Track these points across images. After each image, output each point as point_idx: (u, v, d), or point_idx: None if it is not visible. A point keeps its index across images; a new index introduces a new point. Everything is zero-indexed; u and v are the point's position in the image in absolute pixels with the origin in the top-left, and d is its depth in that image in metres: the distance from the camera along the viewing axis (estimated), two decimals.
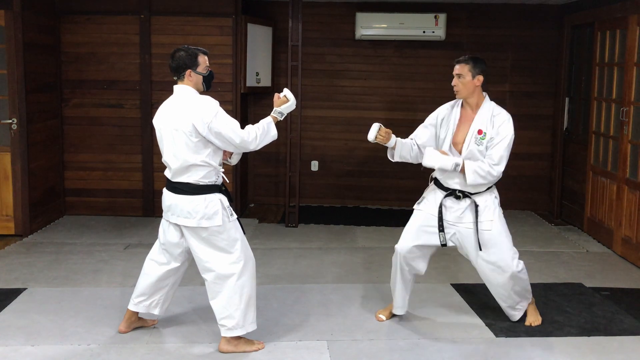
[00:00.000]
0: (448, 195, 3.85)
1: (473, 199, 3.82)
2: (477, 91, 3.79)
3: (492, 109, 3.81)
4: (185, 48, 3.53)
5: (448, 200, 3.85)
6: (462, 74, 3.75)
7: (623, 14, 5.64)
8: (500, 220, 3.87)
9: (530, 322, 4.05)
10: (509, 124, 3.77)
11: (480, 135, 3.76)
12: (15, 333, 3.82)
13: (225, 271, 3.54)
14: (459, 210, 3.84)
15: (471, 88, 3.77)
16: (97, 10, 6.52)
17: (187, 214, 3.50)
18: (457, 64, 3.79)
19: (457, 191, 3.82)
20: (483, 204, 3.83)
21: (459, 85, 3.77)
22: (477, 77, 3.75)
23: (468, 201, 3.82)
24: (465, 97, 3.81)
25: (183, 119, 3.42)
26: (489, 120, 3.77)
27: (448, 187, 3.86)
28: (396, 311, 4.09)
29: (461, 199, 3.82)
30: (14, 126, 5.83)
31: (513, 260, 3.85)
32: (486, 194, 3.86)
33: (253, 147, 3.54)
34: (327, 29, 7.28)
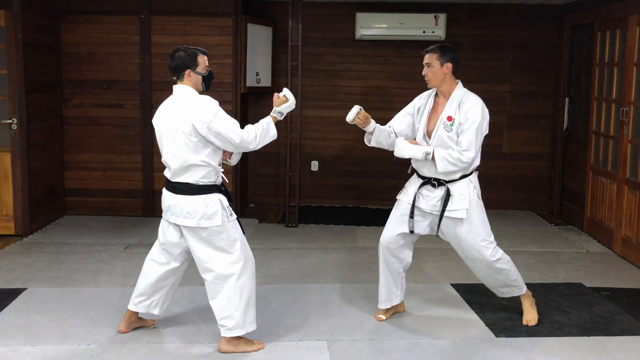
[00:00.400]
0: (424, 184, 3.90)
1: (448, 187, 3.84)
2: (447, 79, 3.82)
3: (462, 95, 3.83)
4: (184, 48, 3.53)
5: (424, 189, 3.90)
6: (431, 63, 3.80)
7: (623, 14, 5.64)
8: (476, 209, 3.85)
9: (528, 321, 4.05)
10: (477, 108, 3.76)
11: (449, 122, 3.78)
12: (15, 333, 3.82)
13: (225, 271, 3.54)
14: (434, 199, 3.87)
15: (441, 76, 3.81)
16: (97, 10, 6.52)
17: (186, 214, 3.50)
18: (425, 53, 3.85)
19: (432, 179, 3.86)
20: (458, 192, 3.82)
21: (429, 75, 3.83)
22: (445, 65, 3.78)
23: (444, 189, 3.84)
24: (437, 85, 3.85)
25: (183, 118, 3.42)
26: (458, 106, 3.80)
27: (424, 175, 3.91)
28: (380, 305, 4.10)
29: (437, 187, 3.86)
30: (14, 126, 5.83)
31: (487, 249, 3.86)
32: (462, 181, 3.84)
33: (253, 147, 3.54)
34: (327, 29, 7.28)
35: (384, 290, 4.08)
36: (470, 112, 3.75)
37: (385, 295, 4.08)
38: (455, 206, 3.82)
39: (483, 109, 3.79)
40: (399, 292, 4.11)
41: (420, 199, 3.91)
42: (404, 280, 4.14)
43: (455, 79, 3.88)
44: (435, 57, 3.80)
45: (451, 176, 3.82)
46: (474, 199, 3.85)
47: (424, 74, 3.87)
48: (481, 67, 7.22)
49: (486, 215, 3.93)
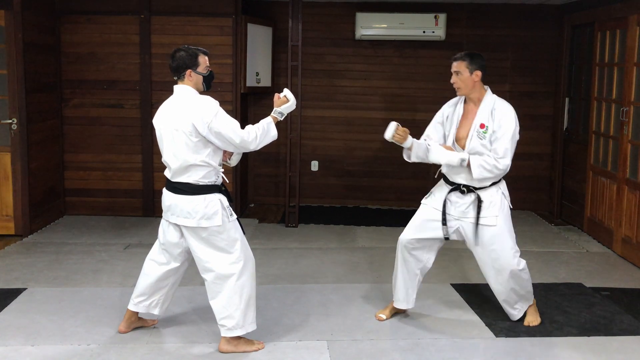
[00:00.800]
0: (453, 190, 3.87)
1: (478, 193, 3.82)
2: (477, 86, 3.82)
3: (493, 102, 3.83)
4: (185, 48, 3.53)
5: (453, 195, 3.88)
6: (460, 71, 3.79)
7: (623, 14, 5.64)
8: (505, 217, 3.84)
9: (529, 322, 4.05)
10: (510, 115, 3.77)
11: (482, 129, 3.78)
12: (15, 333, 3.82)
13: (225, 271, 3.54)
14: (463, 205, 3.85)
15: (470, 84, 3.81)
16: (97, 10, 6.52)
17: (186, 214, 3.50)
18: (454, 61, 3.83)
19: (461, 186, 3.84)
20: (488, 199, 3.82)
21: (458, 82, 3.82)
22: (475, 73, 3.78)
23: (473, 196, 3.83)
24: (466, 93, 3.85)
25: (183, 118, 3.42)
26: (490, 113, 3.79)
27: (453, 181, 3.88)
28: (398, 305, 4.09)
29: (466, 193, 3.84)
30: (14, 126, 5.83)
31: (514, 259, 3.85)
32: (492, 189, 3.84)
33: (253, 147, 3.54)
34: (327, 29, 7.28)
35: (400, 289, 4.06)
36: (504, 120, 3.75)
37: (403, 294, 4.06)
38: (485, 213, 3.81)
39: (515, 116, 3.80)
40: (414, 295, 4.09)
41: (448, 205, 3.89)
42: (420, 284, 4.11)
43: (484, 86, 3.87)
44: (464, 65, 3.78)
45: (483, 183, 3.81)
46: (504, 206, 3.85)
47: (452, 82, 3.85)
48: None
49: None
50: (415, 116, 7.25)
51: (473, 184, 3.82)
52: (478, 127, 3.78)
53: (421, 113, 7.28)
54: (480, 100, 3.85)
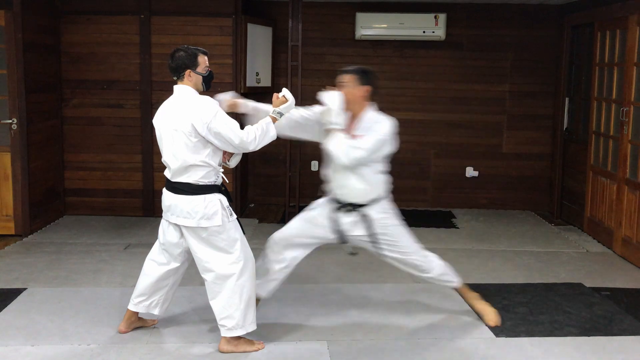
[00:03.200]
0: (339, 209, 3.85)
1: (362, 212, 3.80)
2: (360, 101, 3.77)
3: (373, 118, 3.78)
4: (185, 48, 3.53)
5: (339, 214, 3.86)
6: (347, 84, 3.75)
7: (623, 14, 5.64)
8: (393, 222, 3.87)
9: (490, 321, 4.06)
10: (386, 125, 3.73)
11: None
12: (15, 333, 3.82)
13: (225, 271, 3.54)
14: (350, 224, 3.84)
15: (354, 97, 3.75)
16: (97, 10, 6.52)
17: (186, 214, 3.50)
18: (341, 74, 3.79)
19: (347, 205, 3.82)
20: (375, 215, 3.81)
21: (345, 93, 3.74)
22: (363, 88, 3.75)
23: (358, 215, 3.81)
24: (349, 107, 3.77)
25: (182, 119, 3.42)
26: (369, 128, 3.72)
27: (339, 200, 3.86)
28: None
29: (351, 211, 3.82)
30: (14, 126, 5.83)
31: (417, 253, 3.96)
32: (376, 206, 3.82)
33: (252, 147, 3.53)
34: (327, 29, 7.28)
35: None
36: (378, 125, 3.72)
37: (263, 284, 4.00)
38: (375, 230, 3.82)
39: (392, 130, 3.75)
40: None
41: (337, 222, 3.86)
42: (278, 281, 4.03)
43: (370, 102, 3.83)
44: (352, 78, 3.74)
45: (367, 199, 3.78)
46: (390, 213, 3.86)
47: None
48: (481, 67, 7.23)
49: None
50: (415, 116, 7.26)
51: (357, 200, 3.78)
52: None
53: (421, 113, 7.29)
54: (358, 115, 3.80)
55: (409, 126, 7.27)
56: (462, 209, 7.35)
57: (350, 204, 3.82)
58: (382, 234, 3.83)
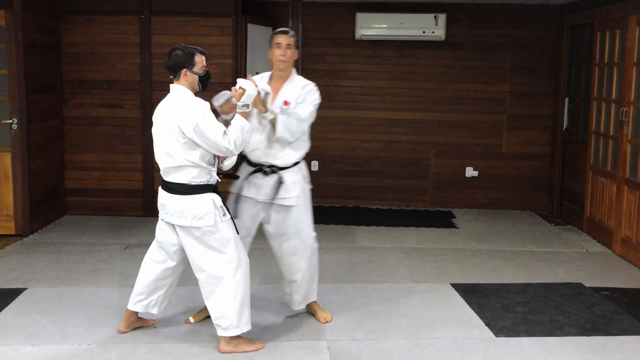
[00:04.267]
0: (255, 172, 3.83)
1: (280, 174, 3.81)
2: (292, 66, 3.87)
3: (301, 82, 3.87)
4: (182, 47, 3.52)
5: (256, 177, 3.84)
6: (291, 45, 3.79)
7: (623, 14, 5.64)
8: (305, 198, 3.91)
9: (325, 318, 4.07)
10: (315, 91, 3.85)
11: (286, 107, 3.77)
12: (15, 333, 3.82)
13: (218, 271, 3.54)
14: (267, 187, 3.82)
15: (292, 61, 3.83)
16: (97, 10, 6.52)
17: (179, 214, 3.50)
18: (283, 34, 3.79)
19: (265, 166, 3.81)
20: (290, 180, 3.83)
21: (287, 56, 3.78)
22: (296, 51, 3.84)
23: (275, 177, 3.81)
24: (286, 68, 3.83)
25: (171, 119, 3.42)
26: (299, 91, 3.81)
27: (257, 162, 3.83)
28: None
29: (269, 174, 3.82)
30: (14, 126, 5.83)
31: (313, 240, 3.99)
32: (294, 169, 3.86)
33: (236, 152, 3.49)
34: (327, 29, 7.28)
35: None
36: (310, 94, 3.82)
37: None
38: (287, 194, 3.82)
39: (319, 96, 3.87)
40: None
41: (251, 188, 3.84)
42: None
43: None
44: (294, 40, 3.80)
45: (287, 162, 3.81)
46: (305, 187, 3.91)
47: (281, 55, 3.77)
48: (481, 67, 7.23)
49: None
50: (415, 116, 7.26)
51: (276, 163, 3.80)
52: (282, 104, 3.77)
53: (421, 113, 7.29)
54: (287, 77, 3.85)
55: (409, 126, 7.27)
56: (461, 209, 7.35)
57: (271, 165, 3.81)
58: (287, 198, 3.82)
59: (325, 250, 5.70)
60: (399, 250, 5.71)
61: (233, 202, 3.84)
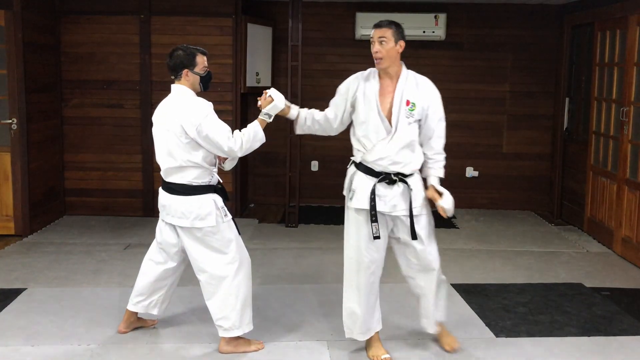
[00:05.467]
0: (380, 181, 3.43)
1: (407, 181, 3.43)
2: (398, 59, 3.44)
3: (413, 76, 3.49)
4: (183, 47, 3.52)
5: (380, 188, 3.42)
6: (386, 38, 3.36)
7: (623, 14, 5.64)
8: (428, 210, 3.53)
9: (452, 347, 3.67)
10: (435, 89, 3.52)
11: (408, 107, 3.41)
12: (15, 333, 3.82)
13: (220, 272, 3.54)
14: (394, 198, 3.42)
15: (394, 55, 3.40)
16: (97, 10, 6.52)
17: (180, 214, 3.50)
18: (377, 27, 3.39)
19: (392, 175, 3.42)
20: (416, 187, 3.46)
21: (382, 52, 3.37)
22: (399, 43, 3.39)
23: (402, 186, 3.43)
24: (388, 65, 3.42)
25: (174, 119, 3.42)
26: (415, 88, 3.45)
27: (383, 171, 3.42)
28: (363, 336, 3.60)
29: (395, 183, 3.42)
30: (14, 126, 5.83)
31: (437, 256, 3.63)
32: (416, 175, 3.51)
33: (240, 154, 3.50)
34: (327, 29, 7.28)
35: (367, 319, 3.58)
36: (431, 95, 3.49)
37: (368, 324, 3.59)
38: (416, 203, 3.45)
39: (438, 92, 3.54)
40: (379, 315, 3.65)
41: (377, 201, 3.41)
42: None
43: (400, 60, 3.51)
44: (390, 32, 3.37)
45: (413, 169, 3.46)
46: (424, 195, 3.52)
47: (375, 51, 3.40)
48: (481, 67, 7.23)
49: None
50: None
51: (404, 171, 3.43)
52: (403, 104, 3.41)
53: None
54: (398, 74, 3.46)
55: None
56: (462, 209, 7.34)
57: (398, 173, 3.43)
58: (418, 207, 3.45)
59: (325, 250, 5.70)
60: None
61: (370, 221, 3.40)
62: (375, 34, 3.40)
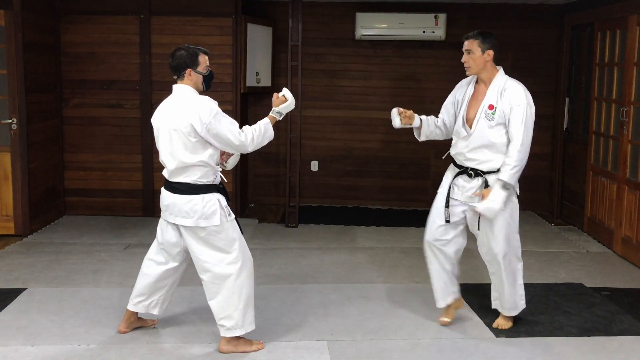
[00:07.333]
0: (460, 174, 3.83)
1: (486, 178, 3.75)
2: (488, 66, 3.76)
3: (504, 83, 3.75)
4: (186, 47, 3.53)
5: (460, 179, 3.84)
6: (472, 50, 3.72)
7: (623, 14, 5.64)
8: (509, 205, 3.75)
9: (499, 325, 3.99)
10: (521, 95, 3.71)
11: (491, 110, 3.71)
12: (15, 333, 3.82)
13: (224, 271, 3.54)
14: (470, 190, 3.79)
15: (481, 64, 3.73)
16: (97, 10, 6.52)
17: (185, 214, 3.50)
18: (465, 39, 3.75)
19: (469, 169, 3.79)
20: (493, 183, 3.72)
21: (469, 62, 3.74)
22: (486, 52, 3.71)
23: (480, 180, 3.77)
24: (477, 73, 3.79)
25: (181, 119, 3.42)
26: (499, 93, 3.72)
27: (461, 164, 3.84)
28: (438, 303, 4.02)
29: (473, 177, 3.79)
30: (14, 126, 5.82)
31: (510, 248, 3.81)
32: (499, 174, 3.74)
33: (251, 148, 3.54)
34: (327, 29, 7.27)
35: (438, 288, 3.99)
36: (514, 99, 3.69)
37: (441, 293, 3.99)
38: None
39: (527, 95, 3.74)
40: (454, 289, 4.02)
41: (455, 190, 3.85)
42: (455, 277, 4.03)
43: (497, 66, 3.81)
44: (476, 43, 3.71)
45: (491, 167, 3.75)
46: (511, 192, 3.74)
47: (463, 61, 3.77)
48: None
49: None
50: None
51: (481, 167, 3.76)
52: (486, 108, 3.72)
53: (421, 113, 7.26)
54: (490, 80, 3.78)
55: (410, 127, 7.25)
56: None
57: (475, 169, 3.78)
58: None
59: (325, 250, 5.70)
60: (399, 250, 5.71)
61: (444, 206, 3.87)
62: (464, 46, 3.77)
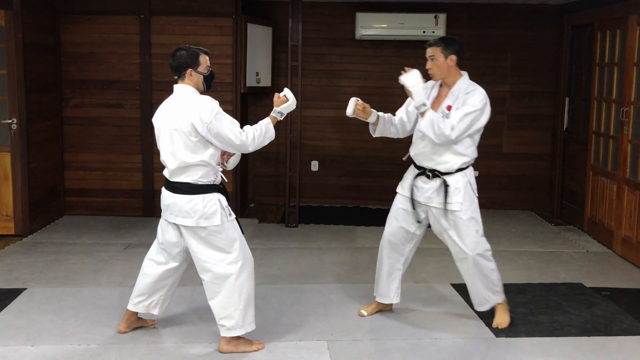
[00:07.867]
0: (419, 175, 3.90)
1: (443, 179, 3.82)
2: (452, 71, 3.83)
3: (465, 87, 3.81)
4: (186, 47, 3.53)
5: (419, 180, 3.91)
6: (435, 56, 3.79)
7: (623, 14, 5.64)
8: (470, 206, 3.82)
9: (498, 324, 3.99)
10: (478, 97, 3.73)
11: (448, 111, 3.75)
12: (15, 333, 3.82)
13: (224, 271, 3.54)
14: (429, 190, 3.86)
15: (445, 69, 3.81)
16: (97, 10, 6.52)
17: (185, 214, 3.50)
18: (428, 47, 3.82)
19: (427, 170, 3.86)
20: (453, 185, 3.80)
21: (433, 68, 3.82)
22: (449, 58, 3.79)
23: (438, 181, 3.83)
24: (441, 78, 3.86)
25: (182, 118, 3.42)
26: (459, 96, 3.78)
27: (420, 165, 3.91)
28: (380, 299, 4.12)
29: (431, 178, 3.85)
30: (14, 126, 5.83)
31: (477, 246, 3.83)
32: (457, 175, 3.83)
33: (252, 148, 3.54)
34: (327, 29, 7.28)
35: (383, 285, 4.11)
36: (470, 99, 3.74)
37: (385, 289, 4.10)
38: (450, 199, 3.80)
39: (484, 101, 3.75)
40: (397, 290, 4.12)
41: (415, 191, 3.92)
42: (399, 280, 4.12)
43: (461, 71, 3.88)
44: (439, 50, 3.78)
45: (449, 169, 3.81)
46: (469, 192, 3.83)
47: (427, 68, 3.84)
48: (481, 67, 7.22)
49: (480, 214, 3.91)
50: None
51: (439, 168, 3.82)
52: (444, 108, 3.77)
53: None
54: (454, 84, 3.84)
55: None
56: None
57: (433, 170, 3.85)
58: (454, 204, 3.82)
59: (325, 250, 5.70)
60: None
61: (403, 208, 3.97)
62: (427, 53, 3.83)
